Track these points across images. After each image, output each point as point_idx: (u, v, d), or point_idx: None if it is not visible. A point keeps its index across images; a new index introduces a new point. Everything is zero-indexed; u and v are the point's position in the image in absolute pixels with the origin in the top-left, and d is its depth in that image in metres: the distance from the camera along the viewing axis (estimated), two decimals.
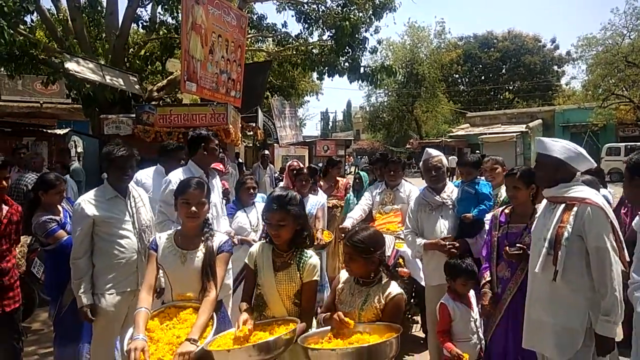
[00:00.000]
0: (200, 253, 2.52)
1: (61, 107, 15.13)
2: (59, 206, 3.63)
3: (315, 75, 13.29)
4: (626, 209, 4.12)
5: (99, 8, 10.29)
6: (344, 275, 2.55)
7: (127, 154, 3.10)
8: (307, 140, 24.07)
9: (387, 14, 11.24)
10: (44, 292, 4.82)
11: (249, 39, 11.78)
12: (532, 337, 2.77)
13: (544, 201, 2.80)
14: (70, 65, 7.65)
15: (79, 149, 8.64)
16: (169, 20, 10.95)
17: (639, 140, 23.86)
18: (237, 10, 9.13)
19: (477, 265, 3.34)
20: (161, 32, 11.11)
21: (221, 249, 2.57)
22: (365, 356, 2.07)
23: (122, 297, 3.07)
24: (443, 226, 3.73)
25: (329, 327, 2.31)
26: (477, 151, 22.82)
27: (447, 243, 3.59)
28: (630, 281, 1.76)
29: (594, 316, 2.51)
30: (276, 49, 13.32)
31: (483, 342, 3.25)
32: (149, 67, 11.70)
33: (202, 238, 2.57)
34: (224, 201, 4.27)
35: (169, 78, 11.39)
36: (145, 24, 10.67)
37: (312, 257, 2.44)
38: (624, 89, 26.44)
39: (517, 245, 3.01)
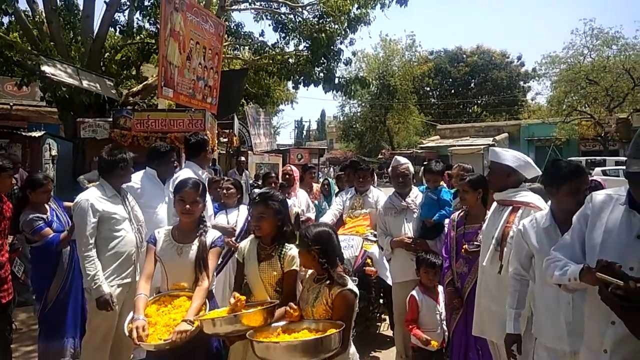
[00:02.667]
0: (194, 247, 2.79)
1: (32, 110, 14.94)
2: (46, 205, 3.77)
3: (290, 84, 13.53)
4: None
5: (76, 11, 10.28)
6: (308, 274, 2.74)
7: (131, 160, 3.37)
8: (281, 149, 24.25)
9: (361, 27, 11.57)
10: (19, 293, 4.91)
11: (226, 47, 11.94)
12: (482, 324, 3.09)
13: (494, 204, 3.14)
14: (47, 68, 7.68)
15: (54, 152, 8.64)
16: (147, 25, 11.03)
17: (599, 155, 25.03)
18: (215, 18, 9.32)
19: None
20: (138, 38, 11.16)
21: (214, 244, 2.84)
22: (311, 348, 2.17)
23: (122, 288, 3.29)
24: (407, 228, 4.11)
25: (279, 323, 2.44)
26: (440, 162, 23.41)
27: (411, 240, 3.98)
28: (547, 257, 2.05)
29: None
30: (252, 57, 13.47)
31: (446, 333, 3.64)
32: (125, 71, 11.71)
33: (197, 233, 2.83)
34: None
35: (144, 83, 11.37)
36: (122, 28, 10.71)
37: (292, 249, 2.72)
38: (585, 105, 27.71)
39: (475, 243, 3.34)
